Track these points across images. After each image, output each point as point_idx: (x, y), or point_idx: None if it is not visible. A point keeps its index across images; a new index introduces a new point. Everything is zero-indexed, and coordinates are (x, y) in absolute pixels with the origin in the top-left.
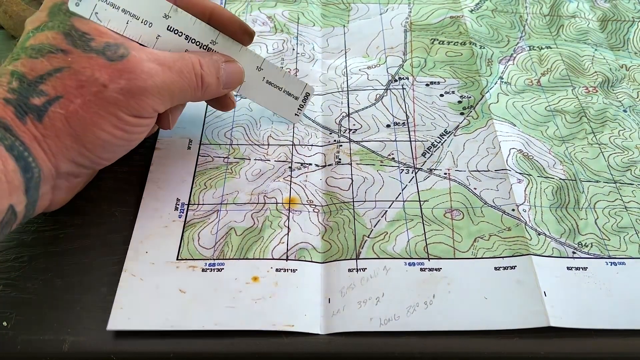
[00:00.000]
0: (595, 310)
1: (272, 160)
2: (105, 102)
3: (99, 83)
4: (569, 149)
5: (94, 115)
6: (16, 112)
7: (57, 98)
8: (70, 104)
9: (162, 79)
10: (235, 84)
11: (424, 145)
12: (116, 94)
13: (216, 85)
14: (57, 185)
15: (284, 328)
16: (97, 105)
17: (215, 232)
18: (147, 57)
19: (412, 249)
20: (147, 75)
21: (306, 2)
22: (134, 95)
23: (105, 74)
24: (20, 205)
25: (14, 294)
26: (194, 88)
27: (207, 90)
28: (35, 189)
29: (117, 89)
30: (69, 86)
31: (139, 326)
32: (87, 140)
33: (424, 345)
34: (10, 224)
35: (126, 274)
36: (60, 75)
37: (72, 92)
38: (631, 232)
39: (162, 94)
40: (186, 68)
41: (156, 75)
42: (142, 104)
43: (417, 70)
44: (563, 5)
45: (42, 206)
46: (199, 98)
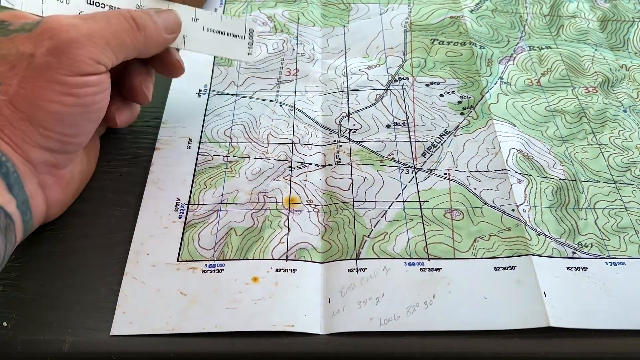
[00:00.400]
0: (595, 311)
1: (272, 159)
2: (39, 70)
3: (27, 55)
4: (569, 149)
5: (34, 89)
6: None
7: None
8: (9, 87)
9: (87, 27)
10: (176, 27)
11: (424, 146)
12: (45, 57)
13: (155, 28)
14: (44, 182)
15: (284, 328)
16: (33, 78)
17: (215, 233)
18: (65, 17)
19: (412, 249)
20: (69, 27)
21: (306, 2)
22: (63, 50)
23: (28, 44)
24: (10, 205)
25: (14, 294)
26: (129, 30)
27: (147, 34)
28: (18, 185)
29: (44, 52)
30: (2, 72)
31: (141, 331)
32: (40, 118)
33: (424, 345)
34: (10, 229)
35: (128, 277)
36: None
37: (7, 74)
38: (631, 232)
39: (93, 41)
40: (113, 15)
41: (78, 25)
42: (75, 57)
43: (417, 70)
44: (563, 5)
45: (39, 209)
46: (143, 44)
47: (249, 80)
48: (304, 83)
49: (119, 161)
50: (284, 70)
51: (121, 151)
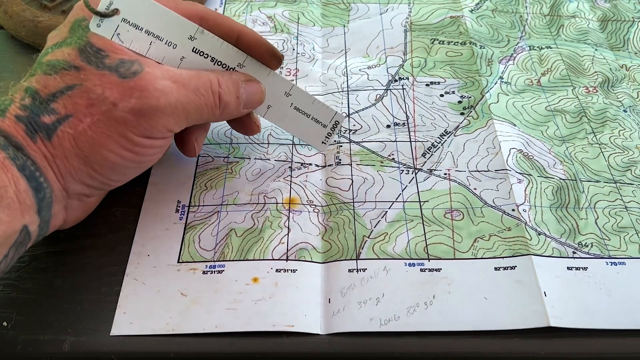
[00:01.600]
0: (595, 310)
1: (272, 160)
2: (114, 121)
3: (109, 102)
4: (569, 149)
5: (102, 135)
6: (27, 130)
7: (67, 117)
8: (80, 123)
9: (176, 97)
10: (256, 104)
11: (424, 146)
12: (125, 114)
13: (235, 104)
14: (70, 205)
15: (284, 328)
16: (106, 125)
17: (216, 234)
18: (161, 74)
19: (412, 249)
20: (160, 94)
21: (306, 2)
22: (145, 114)
23: (116, 92)
24: (33, 225)
25: (14, 294)
26: (211, 107)
27: (225, 110)
28: (47, 209)
29: (126, 108)
30: (79, 105)
31: (141, 331)
32: (95, 162)
33: (424, 345)
34: (24, 244)
35: (128, 278)
36: (71, 93)
37: (82, 110)
38: (631, 232)
39: (176, 113)
40: (203, 86)
41: (170, 93)
42: (154, 123)
43: (417, 70)
44: (563, 5)
45: (56, 225)
46: (217, 118)
47: None
48: (304, 83)
49: None
50: (284, 70)
51: None
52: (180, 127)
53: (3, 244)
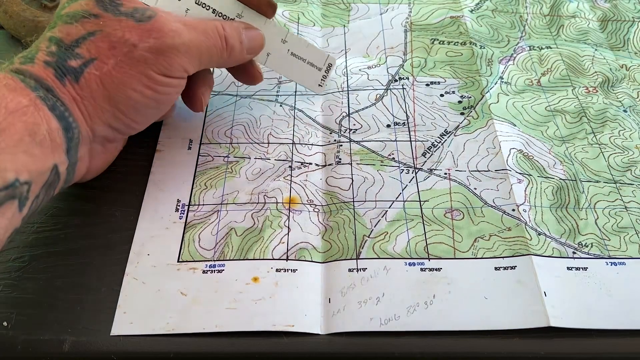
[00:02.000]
0: (595, 310)
1: (272, 159)
2: (136, 61)
3: (130, 43)
4: (569, 149)
5: (125, 74)
6: (56, 74)
7: (92, 60)
8: (104, 65)
9: (188, 38)
10: (258, 49)
11: (424, 145)
12: (146, 53)
13: (239, 49)
14: (93, 150)
15: (284, 328)
16: (128, 65)
17: (216, 233)
18: (174, 19)
19: (412, 249)
20: (175, 34)
21: (306, 2)
22: (163, 52)
23: (135, 34)
24: (62, 165)
25: (14, 294)
26: (219, 49)
27: (232, 53)
28: (75, 150)
29: (146, 47)
30: (102, 48)
31: (141, 331)
32: (120, 101)
33: (424, 345)
34: (53, 186)
35: (128, 278)
36: (93, 38)
37: (105, 53)
38: (631, 232)
39: (189, 52)
40: (210, 29)
41: (183, 33)
42: (171, 61)
43: (417, 70)
44: (563, 5)
45: (80, 172)
46: (225, 61)
47: None
48: None
49: (119, 161)
50: None
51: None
52: (194, 67)
53: (36, 180)
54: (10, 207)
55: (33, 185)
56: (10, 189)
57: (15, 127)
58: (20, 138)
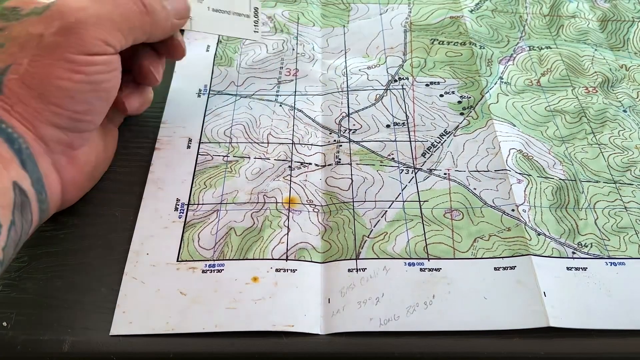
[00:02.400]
0: (595, 310)
1: (272, 159)
2: (49, 49)
3: (36, 35)
4: (568, 149)
5: (44, 67)
6: None
7: (7, 67)
8: (19, 66)
9: (95, 10)
10: (185, 13)
11: (423, 146)
12: (54, 37)
13: (164, 13)
14: (58, 162)
15: (283, 328)
16: (42, 56)
17: (215, 233)
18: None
19: (411, 249)
20: (77, 10)
21: (306, 2)
22: (71, 30)
23: (39, 25)
24: (24, 181)
25: (14, 294)
26: (138, 14)
27: (156, 18)
28: (31, 162)
29: (53, 32)
30: (14, 53)
31: (141, 330)
32: (51, 94)
33: (424, 345)
34: (27, 207)
35: (127, 277)
36: (3, 49)
37: (18, 55)
38: (631, 232)
39: (101, 23)
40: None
41: (87, 7)
42: (84, 37)
43: (417, 70)
44: (563, 5)
45: (54, 189)
46: (150, 26)
47: (249, 80)
48: (304, 83)
49: (118, 161)
50: (283, 70)
51: (121, 151)
52: (117, 39)
53: (4, 206)
54: None
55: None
56: None
57: None
58: None
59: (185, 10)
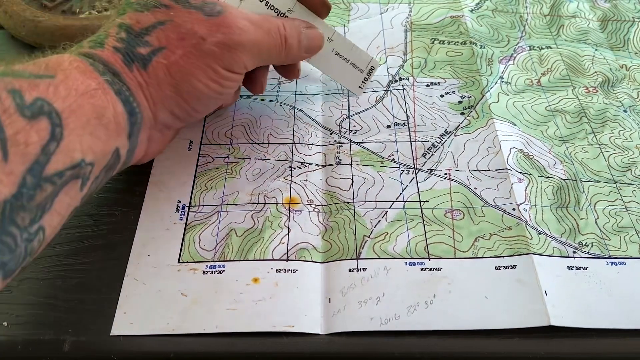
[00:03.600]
0: (595, 310)
1: (272, 159)
2: (203, 54)
3: (198, 36)
4: (569, 148)
5: (192, 66)
6: (124, 60)
7: (161, 49)
8: (172, 54)
9: (254, 36)
10: (316, 49)
11: (424, 146)
12: (213, 47)
13: (297, 48)
14: (152, 136)
15: (284, 329)
16: (196, 57)
17: (216, 234)
18: (240, 15)
19: (412, 249)
20: (241, 31)
21: None
22: (229, 48)
23: (204, 27)
24: (124, 149)
25: (14, 294)
26: (278, 47)
27: (289, 52)
28: (136, 135)
29: (214, 42)
30: (171, 38)
31: (142, 331)
32: (185, 90)
33: (424, 344)
34: (113, 168)
35: (129, 279)
36: (163, 27)
37: (174, 43)
38: (631, 232)
39: (253, 50)
40: (273, 28)
41: (249, 31)
42: (236, 57)
43: (417, 70)
44: (563, 5)
45: (137, 157)
46: (281, 59)
47: None
48: (304, 83)
49: None
50: None
51: None
52: (254, 64)
53: (99, 162)
54: (73, 186)
55: (95, 167)
56: (77, 168)
57: (84, 109)
58: (88, 120)
59: (317, 47)
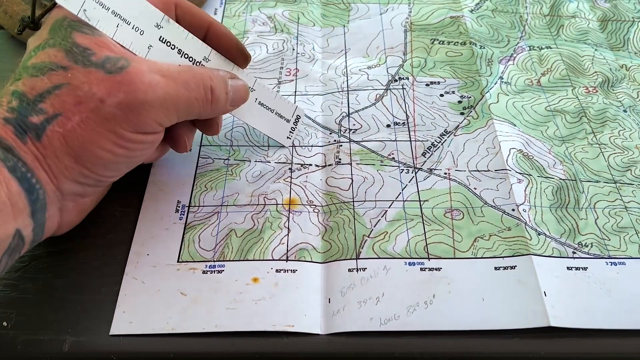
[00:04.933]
0: (595, 310)
1: (272, 162)
2: (103, 118)
3: (97, 98)
4: (569, 149)
5: (91, 133)
6: (16, 132)
7: (56, 116)
8: (68, 121)
9: (164, 91)
10: (241, 101)
11: (424, 145)
12: (114, 109)
13: (224, 100)
14: (65, 207)
15: (284, 328)
16: (95, 122)
17: (216, 234)
18: (148, 69)
19: (412, 248)
20: (147, 87)
21: (306, 2)
22: (133, 109)
23: (103, 87)
24: (27, 229)
25: (14, 294)
26: (202, 101)
27: (216, 105)
28: (41, 211)
29: (114, 103)
30: (67, 103)
31: (141, 330)
32: (87, 160)
33: (424, 345)
34: (18, 250)
35: (128, 277)
36: (59, 92)
37: (71, 109)
38: (631, 232)
39: (165, 106)
40: (194, 80)
41: (157, 86)
42: (143, 118)
43: (417, 70)
44: (563, 5)
45: (51, 229)
46: (207, 113)
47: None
48: (304, 83)
49: None
50: (284, 70)
51: None
52: (171, 121)
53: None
54: None
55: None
56: None
57: None
58: None
59: (243, 100)
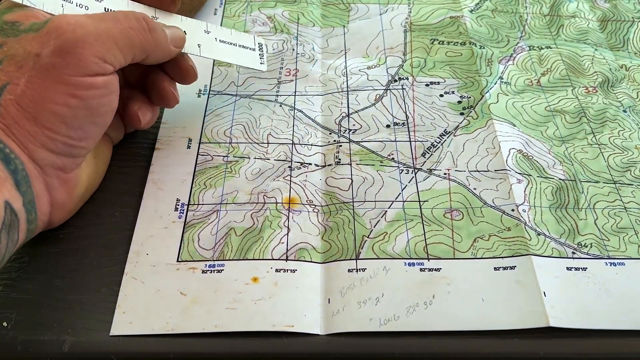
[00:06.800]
0: (595, 311)
1: (272, 159)
2: (45, 70)
3: (32, 55)
4: (568, 149)
5: (40, 89)
6: None
7: (5, 86)
8: (17, 87)
9: (94, 26)
10: (180, 43)
11: (423, 146)
12: (50, 58)
13: (163, 33)
14: (50, 184)
15: (283, 329)
16: (40, 78)
17: (215, 233)
18: (72, 14)
19: (411, 249)
20: (75, 26)
21: (306, 2)
22: (68, 50)
23: (35, 44)
24: (17, 202)
25: (14, 294)
26: (139, 30)
27: (157, 35)
28: (26, 183)
29: (49, 52)
30: (10, 72)
31: (141, 331)
32: (45, 119)
33: (423, 345)
34: (14, 227)
35: (127, 277)
36: (1, 67)
37: (15, 74)
38: (630, 232)
39: (100, 40)
40: (122, 15)
41: (85, 24)
42: (81, 56)
43: (417, 70)
44: (563, 5)
45: (44, 210)
46: (152, 46)
47: (249, 80)
48: (304, 83)
49: (118, 161)
50: (283, 70)
51: (121, 151)
52: (115, 56)
53: None
54: None
55: None
56: None
57: None
58: None
59: (181, 40)
